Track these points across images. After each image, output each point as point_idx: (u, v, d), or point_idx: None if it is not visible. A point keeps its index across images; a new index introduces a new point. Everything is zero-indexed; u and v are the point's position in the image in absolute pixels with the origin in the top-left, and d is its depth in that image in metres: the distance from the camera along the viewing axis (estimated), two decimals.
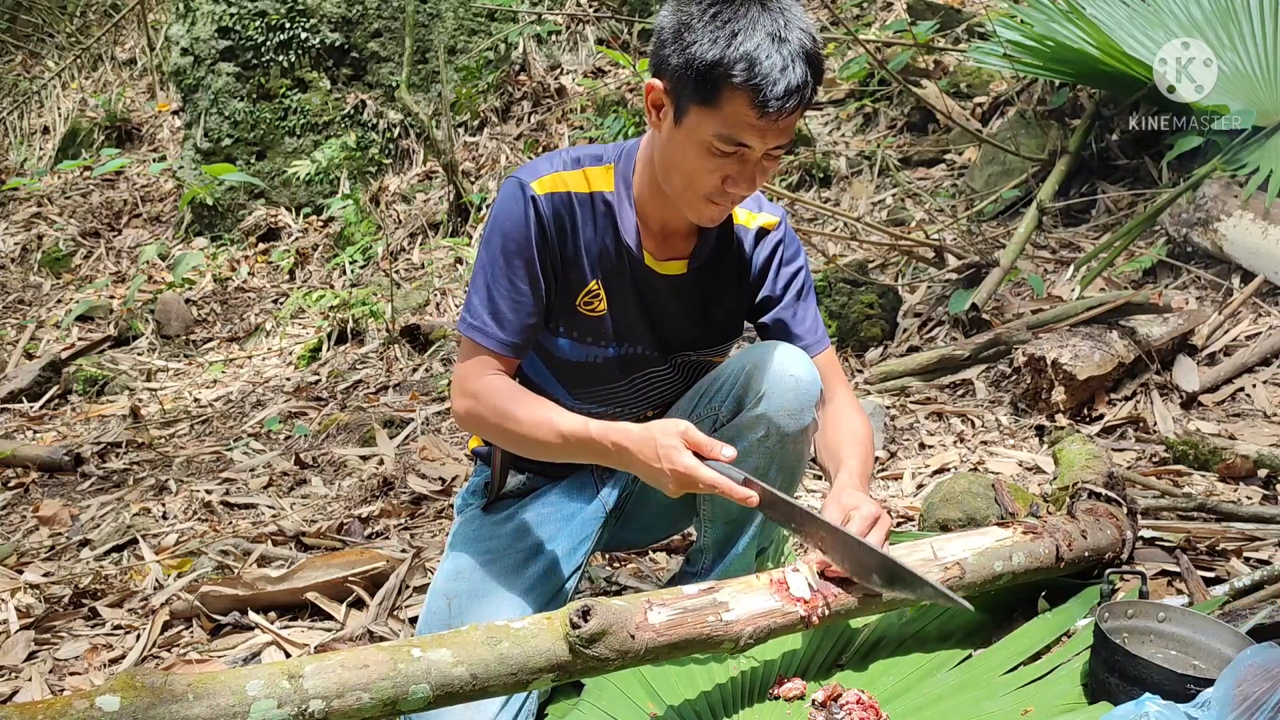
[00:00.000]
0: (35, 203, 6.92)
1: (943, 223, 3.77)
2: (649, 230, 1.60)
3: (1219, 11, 3.43)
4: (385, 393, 3.97)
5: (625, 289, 1.62)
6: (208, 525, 2.90)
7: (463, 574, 1.71)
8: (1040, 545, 1.64)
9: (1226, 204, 3.04)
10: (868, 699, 1.45)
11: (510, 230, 1.54)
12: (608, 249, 1.59)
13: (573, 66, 6.11)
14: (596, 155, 1.61)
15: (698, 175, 1.44)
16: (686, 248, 1.63)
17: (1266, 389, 2.66)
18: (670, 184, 1.50)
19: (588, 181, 1.58)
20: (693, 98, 1.38)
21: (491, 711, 1.54)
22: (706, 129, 1.39)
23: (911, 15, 4.81)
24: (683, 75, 1.38)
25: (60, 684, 2.10)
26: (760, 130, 1.38)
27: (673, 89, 1.41)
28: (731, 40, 1.34)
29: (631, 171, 1.59)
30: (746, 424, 1.61)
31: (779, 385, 1.58)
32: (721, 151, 1.40)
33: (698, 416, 1.68)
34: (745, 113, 1.36)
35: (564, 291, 1.60)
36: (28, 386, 4.55)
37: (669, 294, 1.64)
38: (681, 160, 1.44)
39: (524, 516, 1.79)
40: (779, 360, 1.59)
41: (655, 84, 1.44)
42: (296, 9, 6.01)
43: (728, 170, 1.43)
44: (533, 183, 1.54)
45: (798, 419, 1.60)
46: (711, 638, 1.35)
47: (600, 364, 1.67)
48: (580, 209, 1.57)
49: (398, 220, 5.73)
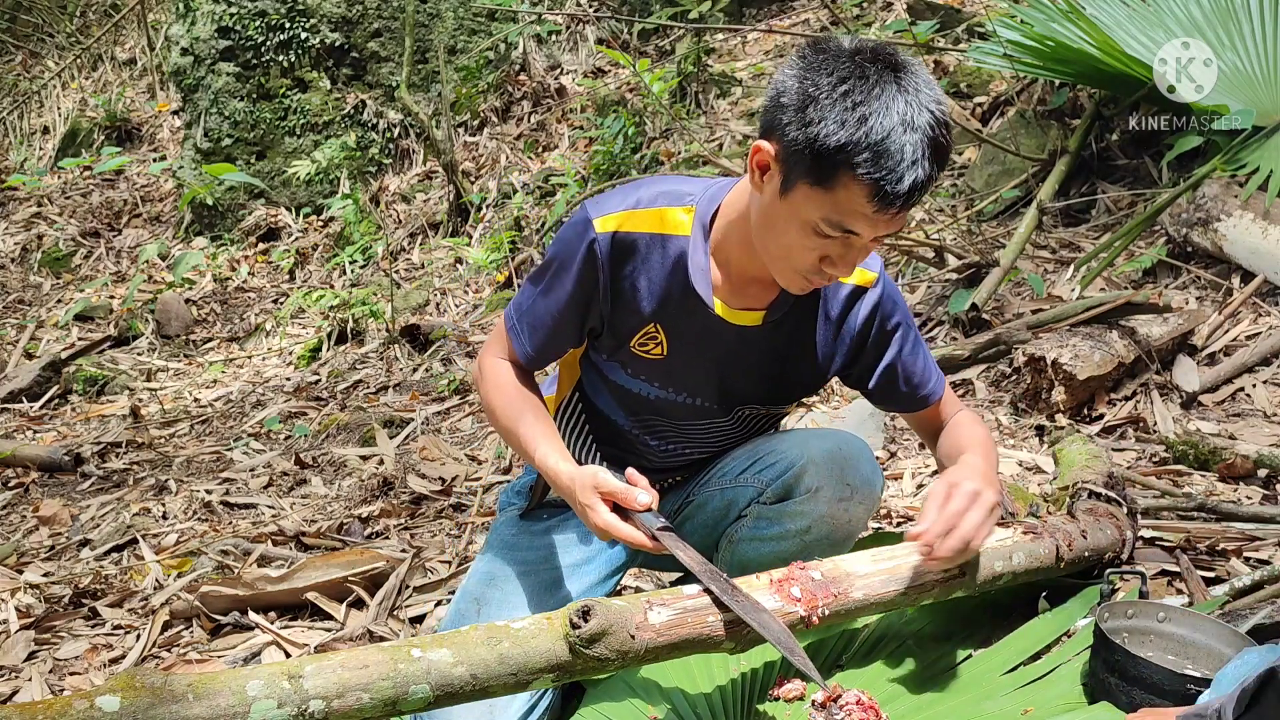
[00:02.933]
0: (35, 202, 6.92)
1: (943, 223, 3.77)
2: (725, 278, 1.52)
3: (1219, 11, 3.43)
4: (385, 393, 3.97)
5: (689, 336, 1.54)
6: (208, 525, 2.90)
7: (496, 581, 1.69)
8: (1040, 545, 1.64)
9: (1226, 204, 3.04)
10: (867, 699, 1.45)
11: (565, 260, 1.52)
12: (673, 293, 1.51)
13: (573, 66, 6.11)
14: (679, 194, 1.52)
15: (795, 251, 1.36)
16: (765, 299, 1.53)
17: (1266, 389, 2.66)
18: (765, 249, 1.42)
19: (662, 222, 1.50)
20: (806, 176, 1.29)
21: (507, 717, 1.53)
22: (815, 211, 1.31)
23: (911, 15, 4.81)
24: (800, 151, 1.28)
25: (60, 684, 2.10)
26: (873, 221, 1.29)
27: (785, 159, 1.31)
28: (860, 126, 1.23)
29: (712, 216, 1.51)
30: (790, 513, 1.59)
31: (832, 492, 1.55)
32: (826, 235, 1.32)
33: (744, 481, 1.65)
34: (861, 204, 1.27)
35: (618, 330, 1.56)
36: (28, 386, 4.56)
37: (738, 345, 1.56)
38: (782, 233, 1.36)
39: (563, 533, 1.75)
40: (839, 463, 1.55)
41: (764, 146, 1.34)
42: (296, 9, 6.01)
43: (829, 251, 1.35)
44: (597, 219, 1.48)
45: (845, 527, 1.58)
46: (711, 638, 1.35)
47: (653, 400, 1.63)
48: (647, 250, 1.49)
49: (398, 220, 5.73)
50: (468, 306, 4.77)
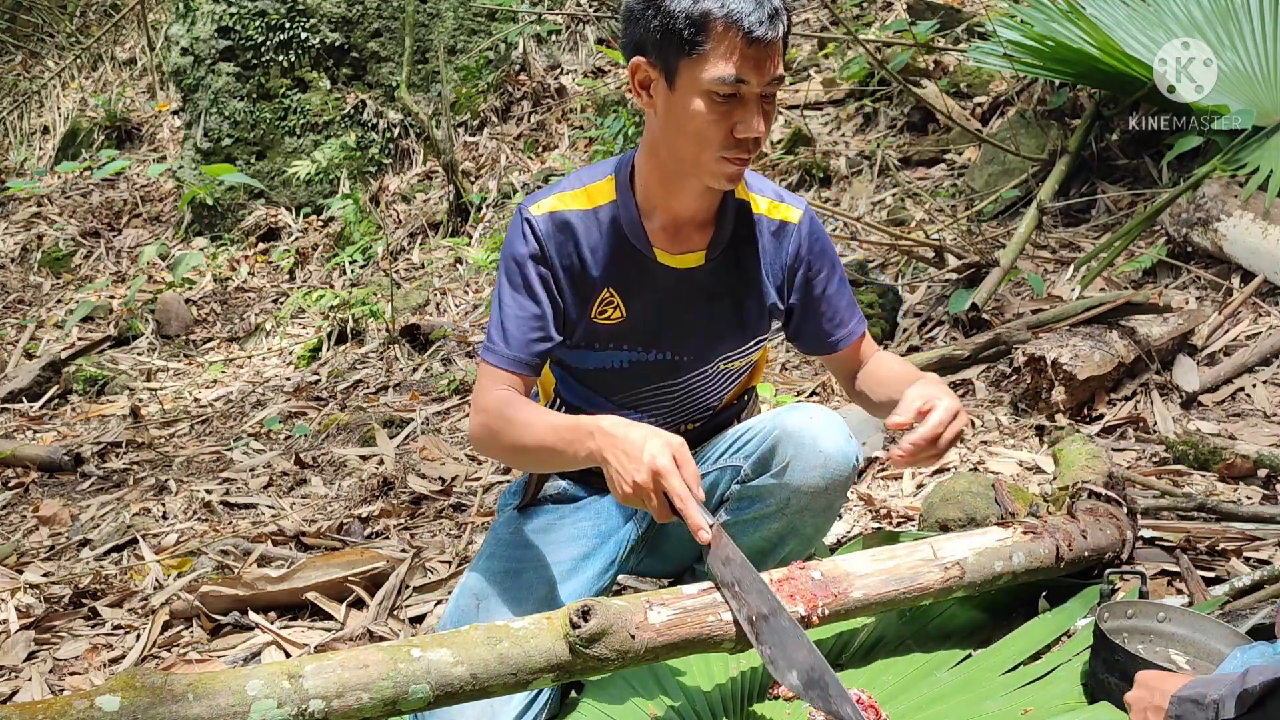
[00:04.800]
0: (35, 203, 6.92)
1: (943, 222, 3.77)
2: (658, 226, 1.60)
3: (1219, 11, 3.43)
4: (385, 393, 3.97)
5: (641, 290, 1.61)
6: (208, 525, 2.90)
7: (495, 577, 1.70)
8: (1040, 545, 1.65)
9: (1226, 204, 3.04)
10: (867, 699, 1.45)
11: (511, 254, 1.58)
12: (616, 254, 1.59)
13: (573, 66, 6.11)
14: (599, 172, 1.63)
15: (706, 131, 1.44)
16: (702, 240, 1.62)
17: (1266, 389, 2.66)
18: (682, 157, 1.49)
19: (590, 198, 1.60)
20: (680, 52, 1.41)
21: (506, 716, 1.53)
22: (704, 76, 1.40)
23: (911, 15, 4.80)
24: (666, 36, 1.41)
25: (60, 684, 2.10)
26: (754, 60, 1.40)
27: (659, 55, 1.44)
28: None
29: (630, 174, 1.60)
30: (768, 489, 1.61)
31: (806, 459, 1.57)
32: (722, 96, 1.41)
33: (724, 463, 1.67)
34: (735, 44, 1.38)
35: (578, 306, 1.60)
36: (28, 386, 4.55)
37: (688, 288, 1.62)
38: (687, 121, 1.44)
39: (563, 529, 1.77)
40: (811, 432, 1.57)
41: (638, 60, 1.47)
42: (296, 9, 6.01)
43: (733, 116, 1.43)
44: (530, 207, 1.59)
45: (823, 496, 1.59)
46: (711, 638, 1.35)
47: (629, 369, 1.66)
48: (582, 224, 1.58)
49: (398, 220, 5.73)
50: (468, 306, 4.77)
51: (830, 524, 1.70)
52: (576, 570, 1.72)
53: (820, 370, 3.22)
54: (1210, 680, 1.17)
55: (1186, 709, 1.15)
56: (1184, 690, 1.17)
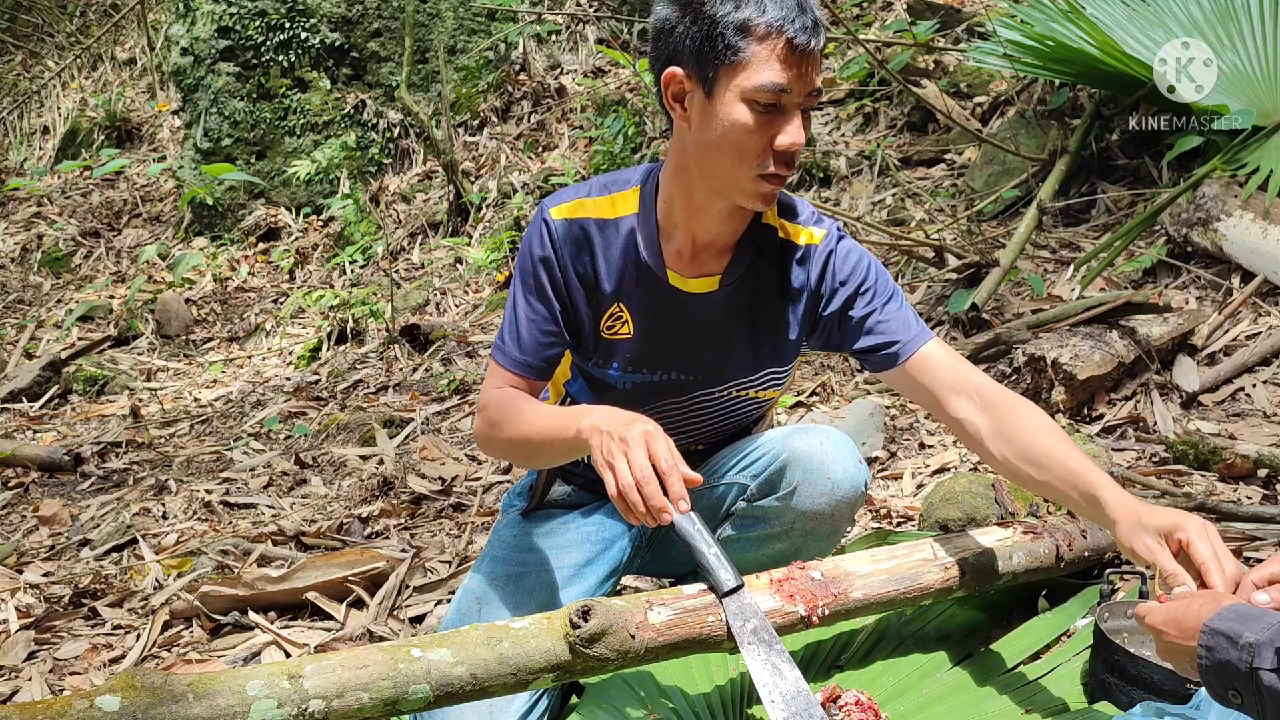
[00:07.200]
0: (35, 203, 6.92)
1: (943, 222, 3.77)
2: (675, 247, 1.55)
3: (1219, 11, 3.43)
4: (385, 393, 3.97)
5: (650, 310, 1.57)
6: (208, 525, 2.90)
7: (498, 581, 1.70)
8: (1040, 545, 1.65)
9: (1226, 204, 3.04)
10: (867, 699, 1.45)
11: (527, 255, 1.57)
12: (629, 271, 1.56)
13: (573, 66, 6.11)
14: (624, 180, 1.59)
15: (746, 141, 1.40)
16: (719, 265, 1.57)
17: (1266, 389, 2.66)
18: (716, 173, 1.45)
19: (613, 207, 1.56)
20: (721, 60, 1.37)
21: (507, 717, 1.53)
22: (745, 84, 1.37)
23: (911, 15, 4.80)
24: (706, 43, 1.38)
25: (60, 684, 2.11)
26: (796, 69, 1.37)
27: (696, 65, 1.40)
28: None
29: (655, 189, 1.56)
30: (774, 511, 1.60)
31: (814, 485, 1.55)
32: (763, 106, 1.38)
33: (730, 479, 1.66)
34: (778, 51, 1.36)
35: (589, 316, 1.58)
36: (28, 386, 4.56)
37: (698, 313, 1.58)
38: (726, 131, 1.40)
39: (566, 534, 1.76)
40: (819, 458, 1.55)
41: (673, 71, 1.42)
42: (296, 9, 6.01)
43: (772, 126, 1.39)
44: (551, 208, 1.56)
45: (829, 521, 1.58)
46: (711, 638, 1.35)
47: (630, 389, 1.63)
48: (600, 234, 1.55)
49: (398, 220, 5.73)
50: (468, 306, 4.77)
51: (835, 545, 1.68)
52: (579, 576, 1.71)
53: (820, 370, 3.22)
54: (1246, 615, 1.06)
55: (1219, 642, 1.05)
56: (1217, 621, 1.06)
